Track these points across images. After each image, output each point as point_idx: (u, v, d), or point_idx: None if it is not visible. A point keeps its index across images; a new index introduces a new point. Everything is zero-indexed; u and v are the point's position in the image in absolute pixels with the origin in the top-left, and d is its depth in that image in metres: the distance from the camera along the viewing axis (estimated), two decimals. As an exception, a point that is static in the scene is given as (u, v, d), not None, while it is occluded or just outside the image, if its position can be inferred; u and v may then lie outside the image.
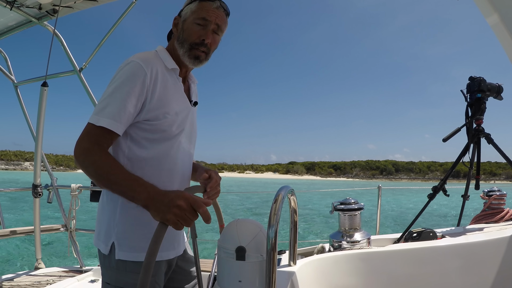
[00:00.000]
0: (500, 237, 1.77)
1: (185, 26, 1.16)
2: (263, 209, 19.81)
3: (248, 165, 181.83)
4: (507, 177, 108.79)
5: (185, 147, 1.22)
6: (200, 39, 1.14)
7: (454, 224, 2.55)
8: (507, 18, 1.41)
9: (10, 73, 3.57)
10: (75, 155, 1.01)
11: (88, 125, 1.04)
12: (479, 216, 2.36)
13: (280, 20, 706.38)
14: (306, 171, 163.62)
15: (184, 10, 1.18)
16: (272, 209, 0.93)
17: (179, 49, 1.16)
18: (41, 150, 3.16)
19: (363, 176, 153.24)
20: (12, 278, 2.94)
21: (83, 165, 0.99)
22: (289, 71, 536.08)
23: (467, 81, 2.42)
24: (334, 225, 13.25)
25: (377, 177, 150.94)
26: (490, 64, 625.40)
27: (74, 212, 3.32)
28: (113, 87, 1.05)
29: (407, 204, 24.64)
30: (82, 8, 2.77)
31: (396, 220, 16.02)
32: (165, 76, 1.13)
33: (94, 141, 1.01)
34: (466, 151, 2.41)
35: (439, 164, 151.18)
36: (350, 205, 1.90)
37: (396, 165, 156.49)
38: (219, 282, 0.98)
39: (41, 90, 2.83)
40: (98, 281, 2.85)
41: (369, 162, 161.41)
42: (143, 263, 0.84)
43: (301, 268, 1.52)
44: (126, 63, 1.08)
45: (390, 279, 1.73)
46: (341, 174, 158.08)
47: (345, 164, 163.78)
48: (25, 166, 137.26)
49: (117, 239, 1.08)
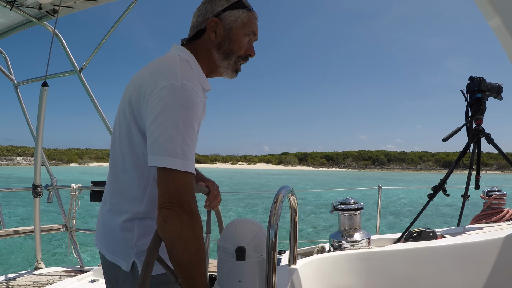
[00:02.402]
0: (500, 237, 1.77)
1: (233, 36, 1.03)
2: (253, 200, 19.86)
3: (241, 156, 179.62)
4: (498, 168, 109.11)
5: None
6: (246, 53, 1.06)
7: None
8: (509, 20, 1.41)
9: (10, 73, 3.57)
10: (174, 215, 0.80)
11: (173, 173, 0.82)
12: (479, 216, 2.36)
13: (271, 11, 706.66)
14: (298, 161, 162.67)
15: (228, 16, 1.03)
16: (272, 209, 0.93)
17: (222, 60, 1.04)
18: (41, 150, 3.16)
19: (356, 167, 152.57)
20: (12, 278, 2.94)
21: (177, 231, 0.80)
22: (280, 62, 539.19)
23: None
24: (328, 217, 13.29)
25: (369, 167, 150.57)
26: (483, 56, 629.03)
27: (74, 212, 3.32)
28: (175, 115, 0.84)
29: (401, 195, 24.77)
30: (82, 8, 2.77)
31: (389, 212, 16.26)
32: (203, 100, 0.98)
33: (192, 196, 0.84)
34: (466, 151, 2.42)
35: (431, 155, 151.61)
36: (350, 205, 1.90)
37: (388, 155, 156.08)
38: (219, 282, 0.98)
39: (41, 90, 2.83)
40: (98, 281, 2.85)
41: (361, 153, 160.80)
42: (150, 242, 0.83)
43: (301, 268, 1.52)
44: (176, 87, 0.86)
45: (390, 279, 1.73)
46: (333, 165, 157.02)
47: (338, 155, 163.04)
48: (17, 161, 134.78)
49: (138, 258, 0.99)
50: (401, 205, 19.21)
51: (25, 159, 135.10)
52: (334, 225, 11.85)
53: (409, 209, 17.57)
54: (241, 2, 1.04)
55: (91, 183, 3.28)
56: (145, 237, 0.98)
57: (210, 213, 1.26)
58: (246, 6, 1.04)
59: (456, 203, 17.23)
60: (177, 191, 0.82)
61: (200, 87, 0.94)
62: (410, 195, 24.45)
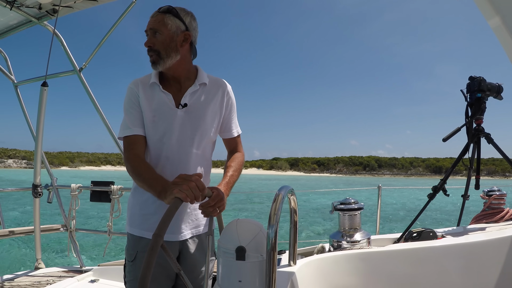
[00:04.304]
0: (500, 237, 1.77)
1: None
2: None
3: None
4: (488, 173, 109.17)
5: (175, 147, 1.35)
6: (146, 47, 1.35)
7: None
8: (509, 20, 1.40)
9: (10, 73, 3.57)
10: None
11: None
12: (479, 216, 2.36)
13: (262, 17, 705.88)
14: (290, 167, 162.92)
15: None
16: (272, 209, 0.93)
17: None
18: (41, 150, 3.16)
19: (347, 172, 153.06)
20: (12, 278, 2.94)
21: (128, 172, 1.28)
22: (271, 67, 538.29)
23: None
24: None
25: (360, 172, 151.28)
26: (473, 62, 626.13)
27: (74, 212, 3.32)
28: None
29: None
30: (82, 8, 2.77)
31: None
32: (146, 89, 1.38)
33: (126, 150, 1.33)
34: (466, 150, 2.41)
35: (421, 160, 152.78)
36: (350, 205, 1.90)
37: (379, 161, 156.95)
38: (219, 282, 0.97)
39: (41, 90, 2.83)
40: (98, 281, 2.85)
41: (352, 158, 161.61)
42: (151, 240, 0.86)
43: (301, 268, 1.52)
44: None
45: (390, 279, 1.73)
46: (324, 170, 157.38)
47: (329, 160, 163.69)
48: (8, 164, 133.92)
49: (127, 218, 1.43)
50: (393, 210, 19.08)
51: (16, 162, 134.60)
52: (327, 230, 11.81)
53: (402, 212, 17.49)
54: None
55: (91, 183, 3.28)
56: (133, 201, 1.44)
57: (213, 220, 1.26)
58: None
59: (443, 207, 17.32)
60: (123, 151, 1.37)
61: (138, 83, 1.40)
62: (403, 198, 24.39)
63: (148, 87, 1.38)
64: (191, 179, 1.05)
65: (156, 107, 1.35)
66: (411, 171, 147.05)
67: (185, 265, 1.38)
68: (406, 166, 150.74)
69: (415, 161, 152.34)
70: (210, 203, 1.16)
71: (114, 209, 3.15)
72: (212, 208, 1.16)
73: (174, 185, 1.05)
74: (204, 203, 1.17)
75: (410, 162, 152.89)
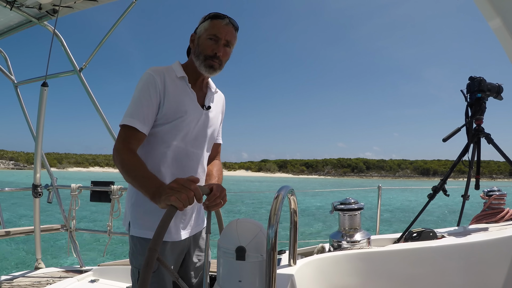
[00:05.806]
0: (500, 237, 1.77)
1: (200, 41, 1.34)
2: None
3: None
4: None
5: (190, 147, 1.35)
6: (213, 52, 1.31)
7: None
8: (510, 21, 1.41)
9: (10, 73, 3.57)
10: (112, 154, 1.21)
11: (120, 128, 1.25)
12: (479, 216, 2.35)
13: (252, 21, 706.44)
14: (278, 168, 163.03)
15: (199, 28, 1.36)
16: (272, 209, 0.93)
17: (196, 61, 1.34)
18: (41, 150, 3.16)
19: (335, 174, 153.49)
20: (12, 278, 2.94)
21: (115, 163, 1.18)
22: (259, 70, 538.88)
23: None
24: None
25: (349, 174, 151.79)
26: (461, 66, 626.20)
27: (74, 212, 3.32)
28: (133, 94, 1.28)
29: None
30: (82, 8, 2.77)
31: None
32: (175, 83, 1.31)
33: (122, 140, 1.21)
34: (466, 151, 2.41)
35: (409, 162, 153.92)
36: (350, 205, 1.90)
37: (367, 163, 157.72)
38: (219, 282, 0.97)
39: (41, 90, 2.83)
40: (98, 281, 2.85)
41: (340, 160, 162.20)
42: (150, 243, 0.85)
43: (301, 268, 1.52)
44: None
45: (390, 279, 1.73)
46: (313, 172, 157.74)
47: (317, 162, 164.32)
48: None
49: (131, 219, 1.33)
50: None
51: (3, 163, 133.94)
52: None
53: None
54: (208, 16, 1.34)
55: (91, 183, 3.28)
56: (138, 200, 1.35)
57: (210, 213, 1.26)
58: (211, 17, 1.33)
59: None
60: (117, 139, 1.24)
61: (162, 73, 1.29)
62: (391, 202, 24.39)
63: (177, 80, 1.33)
64: (191, 187, 0.98)
65: (188, 104, 1.32)
66: (399, 173, 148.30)
67: (192, 262, 1.44)
68: (394, 168, 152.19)
69: (403, 163, 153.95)
70: (216, 194, 1.19)
71: (114, 209, 3.15)
72: (220, 199, 1.20)
73: (170, 190, 0.98)
74: (210, 196, 1.19)
75: (398, 164, 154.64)
